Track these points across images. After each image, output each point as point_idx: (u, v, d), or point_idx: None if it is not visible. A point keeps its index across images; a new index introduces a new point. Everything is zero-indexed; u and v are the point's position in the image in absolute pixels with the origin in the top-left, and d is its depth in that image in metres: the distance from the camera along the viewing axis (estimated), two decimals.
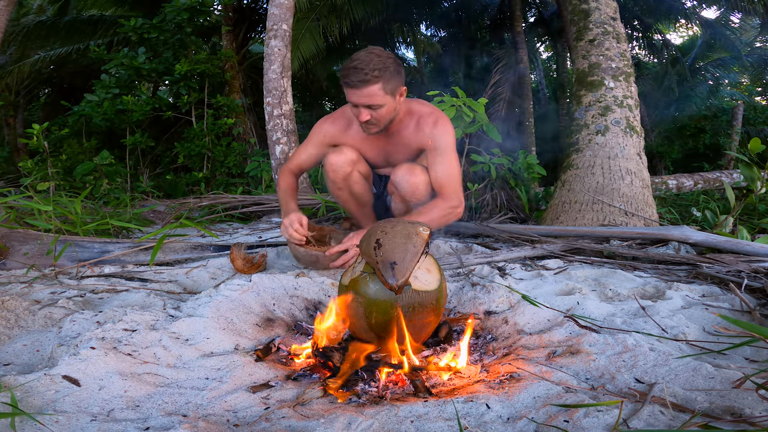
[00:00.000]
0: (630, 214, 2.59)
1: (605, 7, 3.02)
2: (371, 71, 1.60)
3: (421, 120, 1.87)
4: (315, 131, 2.01)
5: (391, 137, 1.92)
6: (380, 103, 1.67)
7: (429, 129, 1.84)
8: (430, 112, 1.88)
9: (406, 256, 1.03)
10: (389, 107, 1.71)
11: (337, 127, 1.97)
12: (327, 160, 1.95)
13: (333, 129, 1.97)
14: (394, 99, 1.72)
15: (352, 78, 1.62)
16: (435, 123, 1.84)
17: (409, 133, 1.89)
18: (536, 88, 13.55)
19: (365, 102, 1.66)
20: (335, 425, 0.80)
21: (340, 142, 1.98)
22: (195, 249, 2.13)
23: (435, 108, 1.94)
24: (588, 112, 2.89)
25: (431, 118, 1.86)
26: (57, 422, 0.77)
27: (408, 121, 1.88)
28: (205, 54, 5.90)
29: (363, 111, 1.69)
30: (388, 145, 1.96)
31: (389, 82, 1.65)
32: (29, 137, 4.26)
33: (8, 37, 7.21)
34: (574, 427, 0.78)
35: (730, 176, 5.84)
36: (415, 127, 1.88)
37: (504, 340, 1.26)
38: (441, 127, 1.84)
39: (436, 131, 1.83)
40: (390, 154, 2.00)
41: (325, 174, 2.01)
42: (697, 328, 1.25)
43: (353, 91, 1.65)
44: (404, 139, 1.91)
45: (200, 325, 1.18)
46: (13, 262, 1.81)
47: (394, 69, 1.66)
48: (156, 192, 4.97)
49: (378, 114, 1.71)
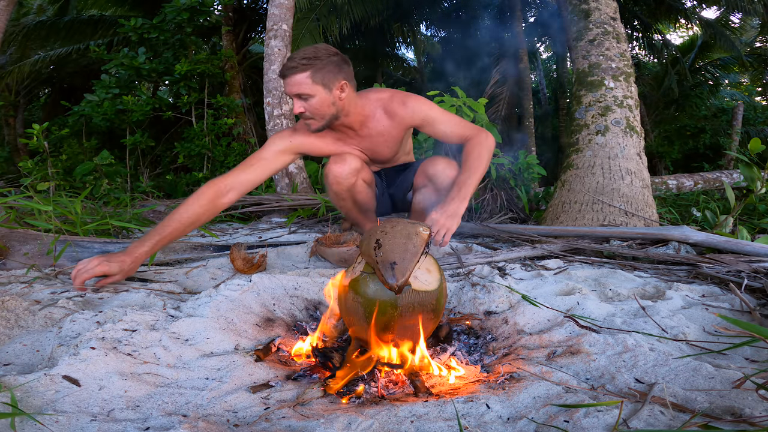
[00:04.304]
0: (630, 214, 2.59)
1: (605, 7, 3.02)
2: (299, 60, 1.61)
3: (386, 105, 1.82)
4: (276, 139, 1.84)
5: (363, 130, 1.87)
6: (308, 92, 1.64)
7: (402, 110, 1.80)
8: (391, 95, 1.84)
9: (406, 256, 1.03)
10: (322, 99, 1.67)
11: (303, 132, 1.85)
12: (329, 171, 1.88)
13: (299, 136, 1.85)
14: (329, 92, 1.67)
15: (285, 67, 1.64)
16: (404, 102, 1.81)
17: (380, 121, 1.85)
18: (536, 88, 13.56)
19: (294, 91, 1.65)
20: (335, 425, 0.80)
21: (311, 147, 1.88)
22: (195, 249, 2.13)
23: (392, 89, 1.89)
24: (588, 112, 2.89)
25: (396, 99, 1.82)
26: (57, 422, 0.77)
27: (372, 110, 1.83)
28: (205, 54, 5.90)
29: (296, 102, 1.68)
30: (363, 140, 1.90)
31: (319, 72, 1.63)
32: (29, 137, 4.26)
33: (8, 37, 7.22)
34: (574, 427, 0.78)
35: (730, 176, 5.84)
36: (383, 113, 1.83)
37: (504, 340, 1.26)
38: (414, 101, 1.81)
39: (412, 107, 1.80)
40: (370, 149, 1.94)
41: (327, 185, 1.94)
42: (697, 328, 1.25)
43: (285, 81, 1.66)
44: (377, 128, 1.86)
45: (200, 325, 1.18)
46: (13, 262, 1.81)
47: (327, 61, 1.64)
48: (156, 192, 4.98)
49: (311, 106, 1.67)
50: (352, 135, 1.88)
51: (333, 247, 1.89)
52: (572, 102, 3.10)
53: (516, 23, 9.03)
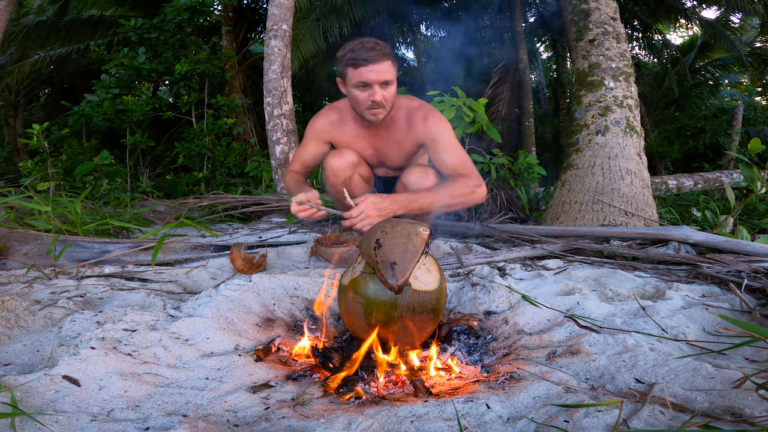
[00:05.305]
0: (630, 214, 2.59)
1: (605, 7, 3.02)
2: (383, 47, 1.64)
3: (411, 114, 1.85)
4: (309, 129, 1.99)
5: (383, 132, 1.90)
6: (391, 80, 1.69)
7: (420, 124, 1.83)
8: (419, 106, 1.87)
9: (406, 256, 1.03)
10: (394, 89, 1.73)
11: (329, 120, 1.95)
12: (327, 164, 1.92)
13: (325, 123, 1.95)
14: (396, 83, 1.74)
15: (369, 54, 1.62)
16: (425, 117, 1.83)
17: (400, 129, 1.87)
18: (536, 88, 13.55)
19: (382, 78, 1.65)
20: (335, 425, 0.80)
21: (333, 136, 1.96)
22: (195, 249, 2.13)
23: (423, 102, 1.92)
24: (588, 112, 2.89)
25: (421, 113, 1.84)
26: (57, 422, 0.77)
27: (398, 116, 1.86)
28: (205, 54, 5.90)
29: (378, 90, 1.67)
30: (379, 141, 1.93)
31: (395, 62, 1.69)
32: (29, 137, 4.26)
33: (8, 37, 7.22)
34: (574, 427, 0.78)
35: (730, 176, 5.84)
36: (405, 121, 1.86)
37: (504, 340, 1.26)
38: (434, 120, 1.82)
39: (429, 126, 1.82)
40: (383, 151, 1.97)
41: (324, 178, 1.98)
42: (697, 328, 1.25)
43: (369, 68, 1.64)
44: (396, 134, 1.89)
45: (200, 325, 1.18)
46: (13, 262, 1.81)
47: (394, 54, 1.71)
48: (156, 192, 4.98)
49: (389, 93, 1.71)
50: (372, 133, 1.91)
51: (333, 247, 1.89)
52: (572, 102, 3.10)
53: (516, 23, 9.02)
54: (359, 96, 1.71)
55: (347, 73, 1.69)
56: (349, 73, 1.68)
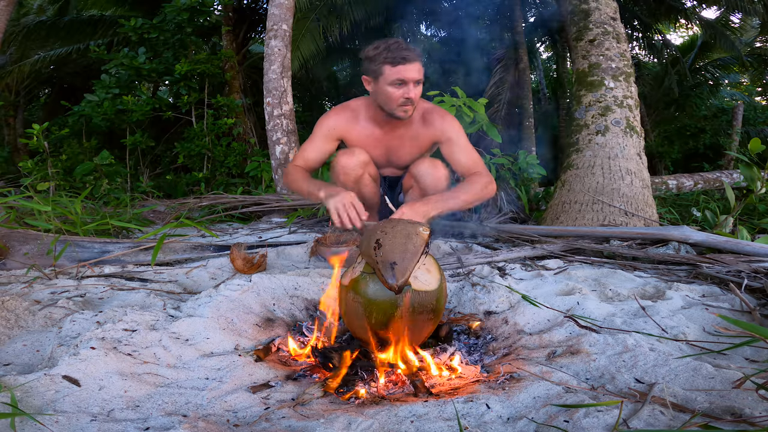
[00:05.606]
0: (630, 214, 2.59)
1: (605, 7, 3.02)
2: (414, 50, 1.71)
3: (426, 114, 1.90)
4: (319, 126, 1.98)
5: (399, 130, 1.92)
6: (422, 80, 1.75)
7: (439, 123, 1.88)
8: (433, 108, 1.93)
9: (406, 256, 1.03)
10: (421, 89, 1.79)
11: (343, 117, 1.96)
12: (338, 162, 1.93)
13: (339, 120, 1.96)
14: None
15: (407, 53, 1.69)
16: (443, 117, 1.89)
17: (416, 127, 1.91)
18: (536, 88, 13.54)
19: (417, 77, 1.71)
20: (335, 425, 0.80)
21: (346, 134, 1.97)
22: (195, 249, 2.13)
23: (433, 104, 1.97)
24: (588, 112, 2.89)
25: (437, 113, 1.90)
26: (57, 422, 0.77)
27: (414, 115, 1.90)
28: (205, 54, 5.90)
29: (413, 88, 1.72)
30: (394, 139, 1.95)
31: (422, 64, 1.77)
32: (29, 137, 4.26)
33: (8, 37, 7.21)
34: (574, 427, 0.78)
35: (730, 176, 5.83)
36: (421, 120, 1.90)
37: (504, 340, 1.26)
38: (450, 120, 1.89)
39: (446, 125, 1.88)
40: (393, 151, 1.99)
41: (334, 176, 1.99)
42: (697, 328, 1.25)
43: (407, 66, 1.69)
44: (411, 132, 1.92)
45: (200, 326, 1.18)
46: (13, 262, 1.81)
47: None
48: (156, 192, 4.98)
49: (419, 92, 1.76)
50: (386, 132, 1.93)
51: (333, 247, 1.89)
52: (572, 102, 3.10)
53: (516, 23, 9.01)
54: (394, 93, 1.74)
55: (383, 71, 1.72)
56: (386, 70, 1.71)
